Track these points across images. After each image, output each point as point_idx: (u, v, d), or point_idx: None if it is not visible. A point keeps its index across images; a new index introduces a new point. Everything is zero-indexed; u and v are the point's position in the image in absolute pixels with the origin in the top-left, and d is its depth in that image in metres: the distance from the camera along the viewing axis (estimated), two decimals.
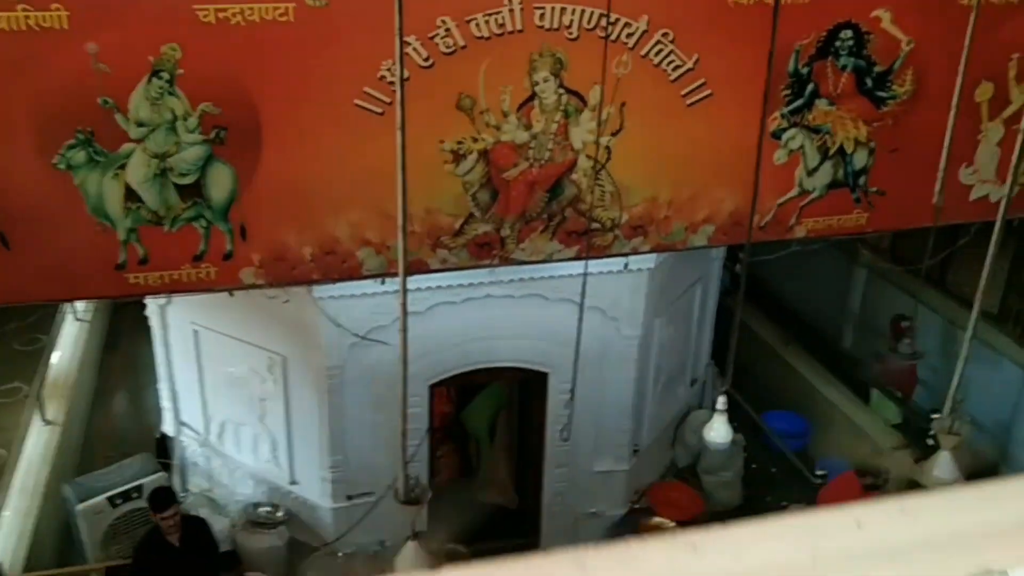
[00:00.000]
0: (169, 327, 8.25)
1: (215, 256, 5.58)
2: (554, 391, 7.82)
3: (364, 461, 7.78)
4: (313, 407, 7.64)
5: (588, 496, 8.49)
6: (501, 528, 8.80)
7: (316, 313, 7.01)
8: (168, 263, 5.53)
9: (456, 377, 7.76)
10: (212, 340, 7.95)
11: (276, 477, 8.25)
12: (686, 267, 8.37)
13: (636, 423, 8.42)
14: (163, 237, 5.41)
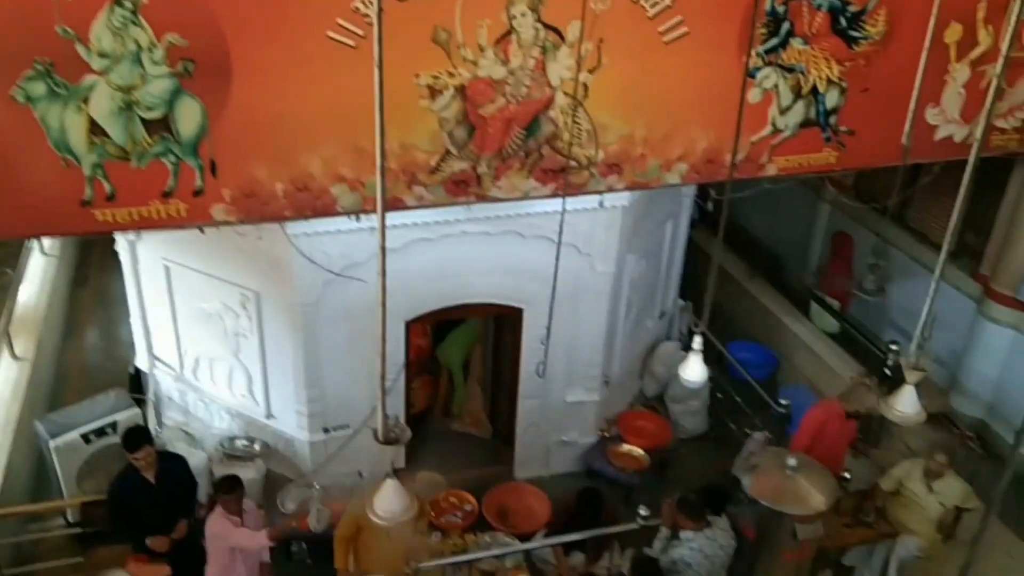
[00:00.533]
0: (140, 263, 7.94)
1: (185, 192, 5.36)
2: (529, 326, 7.68)
3: (340, 395, 7.64)
4: (288, 342, 7.43)
5: (560, 426, 8.44)
6: (476, 457, 8.78)
7: (290, 250, 6.75)
8: (136, 199, 5.30)
9: (432, 313, 7.56)
10: (184, 276, 7.68)
11: (252, 411, 8.08)
12: (658, 204, 8.21)
13: (607, 355, 8.33)
14: (131, 173, 5.17)
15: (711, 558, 6.19)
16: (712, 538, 6.19)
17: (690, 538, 6.19)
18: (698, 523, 6.18)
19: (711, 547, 6.18)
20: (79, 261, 11.72)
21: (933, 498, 7.06)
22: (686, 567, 6.15)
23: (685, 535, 6.21)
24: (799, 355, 9.94)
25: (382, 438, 4.10)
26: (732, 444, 8.75)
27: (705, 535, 6.18)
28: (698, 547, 6.16)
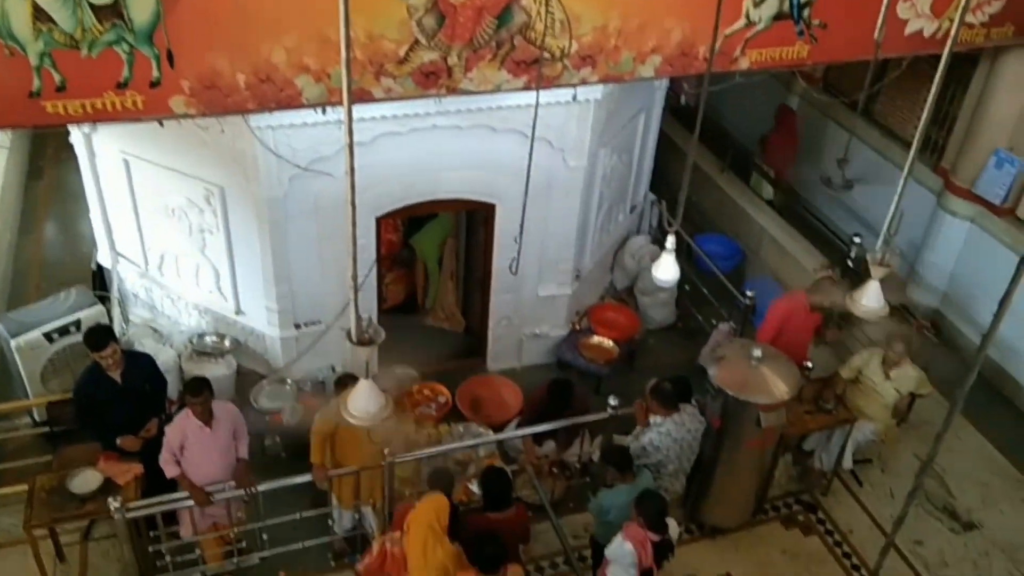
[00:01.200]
0: (97, 156, 7.54)
1: (141, 83, 5.04)
2: (501, 221, 7.49)
3: (310, 291, 7.45)
4: (255, 238, 7.17)
5: (532, 319, 8.36)
6: (449, 350, 8.72)
7: (254, 143, 6.43)
8: (89, 90, 4.97)
9: (403, 209, 7.32)
10: (145, 170, 7.31)
11: (221, 307, 7.87)
12: (631, 97, 7.92)
13: (579, 250, 8.20)
14: (82, 63, 4.83)
15: (679, 441, 6.27)
16: (680, 423, 6.26)
17: (659, 423, 6.23)
18: (669, 410, 6.23)
19: (679, 431, 6.26)
20: (33, 153, 11.18)
21: (890, 385, 7.16)
22: (655, 451, 6.22)
23: (655, 420, 6.25)
24: (765, 248, 9.90)
25: (356, 340, 3.96)
26: (699, 335, 8.77)
27: (673, 420, 6.23)
28: (667, 431, 6.22)
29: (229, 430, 6.09)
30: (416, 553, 5.18)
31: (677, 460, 6.35)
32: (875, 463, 7.79)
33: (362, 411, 4.17)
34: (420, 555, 5.17)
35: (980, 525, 7.35)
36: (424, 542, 5.16)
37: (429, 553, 5.16)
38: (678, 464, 6.38)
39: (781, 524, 7.30)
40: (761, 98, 10.47)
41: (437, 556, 5.16)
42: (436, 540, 5.16)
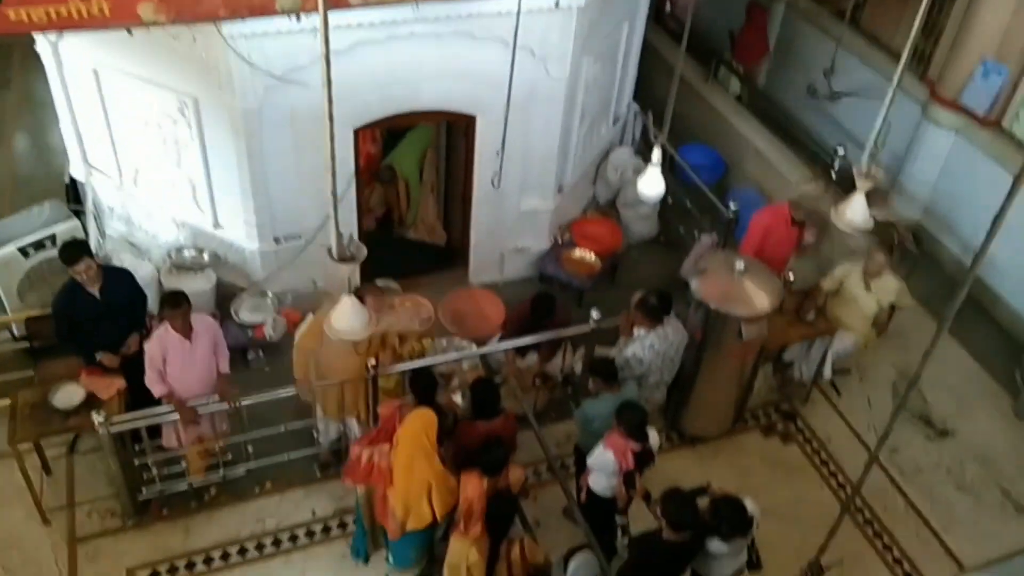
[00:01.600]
0: (64, 66, 7.23)
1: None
2: (482, 134, 7.29)
3: (289, 204, 7.29)
4: (231, 151, 6.95)
5: (514, 233, 8.25)
6: (431, 264, 8.62)
7: (228, 53, 6.16)
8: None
9: (381, 120, 7.09)
10: (115, 81, 7.03)
11: (199, 221, 7.69)
12: (614, 5, 7.64)
13: (561, 162, 8.02)
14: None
15: (662, 354, 6.27)
16: (663, 336, 6.24)
17: (643, 336, 6.21)
18: (653, 323, 6.20)
19: (662, 344, 6.25)
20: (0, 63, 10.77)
21: (871, 297, 7.16)
22: (638, 363, 6.23)
23: (639, 333, 6.23)
24: (748, 158, 9.76)
25: (337, 257, 3.87)
26: (681, 248, 8.70)
27: (657, 333, 6.22)
28: (650, 344, 6.21)
29: (209, 343, 6.01)
30: (401, 467, 5.20)
31: (659, 372, 6.37)
32: (854, 373, 7.86)
33: (346, 327, 4.12)
34: (406, 468, 5.19)
35: (955, 433, 7.46)
36: (411, 456, 5.17)
37: (415, 467, 5.18)
38: (660, 376, 6.42)
39: (760, 433, 7.39)
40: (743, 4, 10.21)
41: (423, 472, 5.18)
42: (423, 456, 5.17)
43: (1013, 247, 8.01)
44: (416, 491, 5.22)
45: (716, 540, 5.03)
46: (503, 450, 5.25)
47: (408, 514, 5.31)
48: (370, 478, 5.38)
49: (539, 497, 6.58)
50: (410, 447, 5.16)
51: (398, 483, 5.23)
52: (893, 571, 6.43)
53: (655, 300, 6.26)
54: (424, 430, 5.17)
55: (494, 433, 5.55)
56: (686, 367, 6.69)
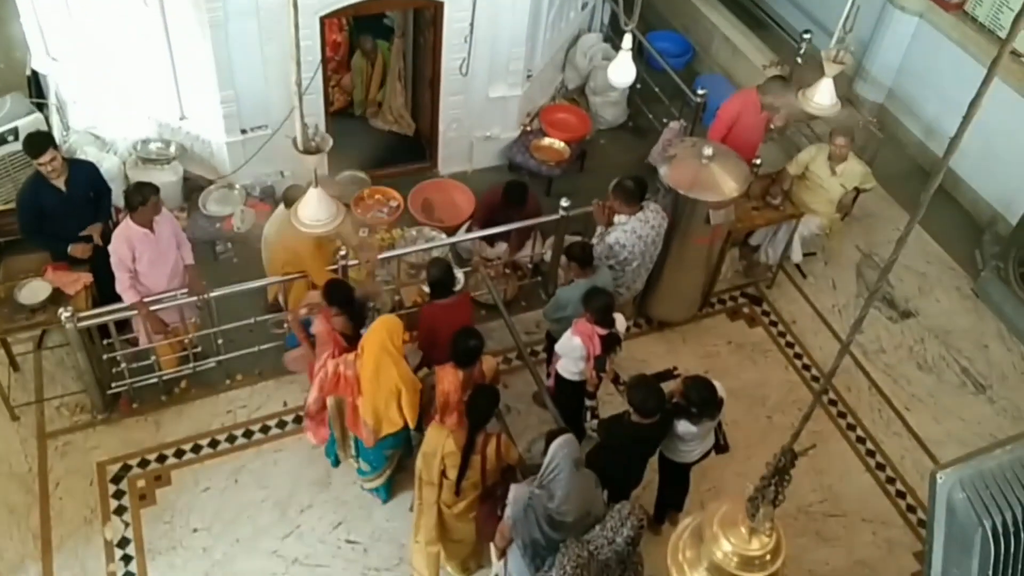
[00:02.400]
0: None
1: None
2: (449, 20, 6.90)
3: (256, 94, 6.94)
4: (196, 39, 6.54)
5: (483, 121, 7.93)
6: (399, 154, 8.33)
7: None
8: None
9: (347, 7, 6.68)
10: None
11: (165, 113, 7.30)
12: None
13: (530, 49, 7.65)
14: None
15: (644, 238, 6.07)
16: (644, 220, 6.03)
17: (624, 222, 6.01)
18: (633, 208, 5.98)
19: (644, 228, 6.04)
20: None
21: (836, 180, 7.03)
22: (621, 248, 6.03)
23: (619, 219, 6.02)
24: (716, 44, 9.43)
25: (302, 148, 3.63)
26: (650, 134, 8.47)
27: (638, 218, 6.00)
28: (631, 228, 6.01)
29: (170, 233, 5.79)
30: (369, 374, 5.04)
31: (641, 256, 6.18)
32: (819, 256, 7.79)
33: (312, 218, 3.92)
34: (373, 376, 5.03)
35: (916, 313, 7.48)
36: (377, 363, 5.01)
37: (382, 374, 5.03)
38: (642, 260, 6.21)
39: (727, 316, 7.36)
40: None
41: (390, 376, 5.04)
42: (390, 360, 5.02)
43: (977, 131, 7.79)
44: (385, 397, 5.10)
45: (684, 422, 5.01)
46: (477, 340, 5.12)
47: (380, 422, 5.21)
48: (338, 388, 5.23)
49: (510, 384, 6.55)
50: (376, 354, 4.99)
51: (366, 391, 5.08)
52: (856, 450, 6.50)
53: (632, 184, 6.01)
54: (389, 336, 5.01)
55: (452, 311, 5.46)
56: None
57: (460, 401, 5.05)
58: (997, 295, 7.46)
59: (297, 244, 5.64)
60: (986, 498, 2.44)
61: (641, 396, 4.82)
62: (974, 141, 7.95)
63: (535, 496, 4.51)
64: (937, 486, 2.55)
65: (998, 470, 2.51)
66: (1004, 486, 2.47)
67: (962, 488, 2.48)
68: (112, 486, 5.85)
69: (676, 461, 5.35)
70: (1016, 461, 2.54)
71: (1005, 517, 2.45)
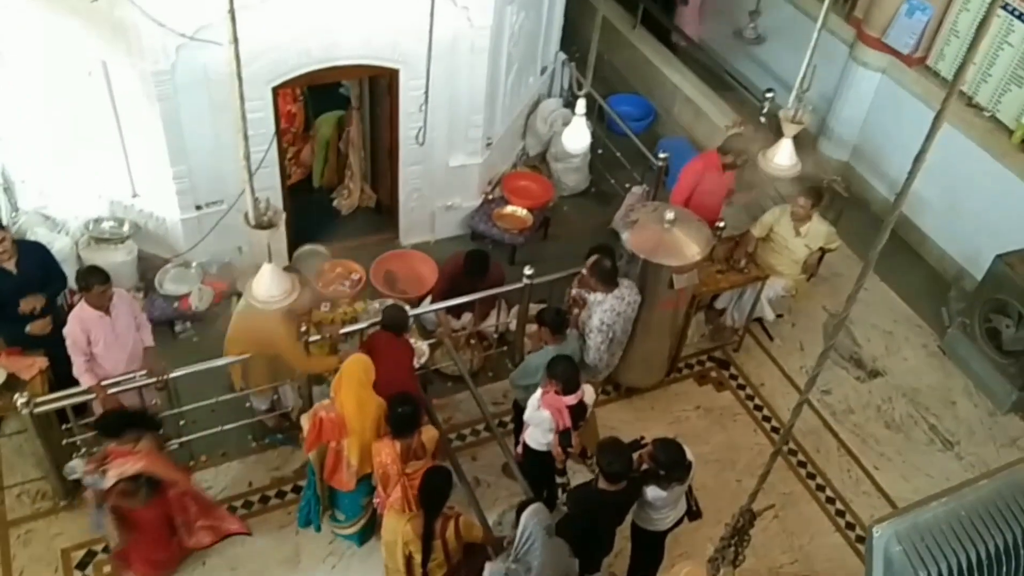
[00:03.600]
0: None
1: None
2: (406, 88, 7.24)
3: (209, 168, 7.16)
4: (145, 115, 6.78)
5: (444, 190, 8.24)
6: (361, 226, 8.60)
7: (134, 12, 6.01)
8: None
9: (301, 77, 7.00)
10: (18, 46, 6.78)
11: (116, 191, 7.51)
12: None
13: (489, 116, 8.01)
14: None
15: (621, 315, 6.29)
16: (620, 296, 6.24)
17: (601, 300, 6.20)
18: (610, 286, 6.19)
19: (620, 305, 6.26)
20: None
21: (800, 241, 7.36)
22: (608, 329, 6.24)
23: (595, 298, 6.21)
24: (678, 106, 9.89)
25: (254, 223, 3.87)
26: (613, 199, 8.82)
27: (615, 295, 6.21)
28: (610, 307, 6.21)
29: (129, 314, 5.96)
30: (352, 411, 5.38)
31: (622, 333, 6.42)
32: (786, 317, 8.10)
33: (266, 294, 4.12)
34: (357, 411, 5.38)
35: (884, 372, 7.78)
36: (358, 398, 5.37)
37: (365, 408, 5.38)
38: (620, 337, 6.44)
39: (695, 381, 7.61)
40: None
41: (372, 408, 5.42)
42: (368, 394, 5.41)
43: (937, 186, 8.32)
44: (371, 428, 5.42)
45: (653, 487, 5.18)
46: (410, 407, 5.31)
47: (363, 461, 5.48)
48: (322, 435, 5.50)
49: (479, 456, 6.73)
50: (355, 390, 5.37)
51: (353, 428, 5.40)
52: (826, 510, 6.72)
53: (609, 263, 6.23)
54: (363, 370, 5.41)
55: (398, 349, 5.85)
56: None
57: (400, 473, 5.23)
58: (963, 351, 7.81)
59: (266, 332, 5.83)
60: (922, 550, 2.67)
61: (608, 458, 5.00)
62: (938, 197, 8.40)
63: (511, 572, 4.66)
64: (874, 539, 2.78)
65: (933, 522, 2.74)
66: (940, 538, 2.70)
67: (898, 541, 2.70)
68: (77, 572, 5.93)
69: (649, 530, 5.52)
70: (951, 514, 2.77)
71: (940, 568, 2.67)
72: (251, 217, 3.88)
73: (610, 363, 6.56)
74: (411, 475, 5.22)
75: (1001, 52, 7.93)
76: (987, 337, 7.57)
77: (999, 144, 7.96)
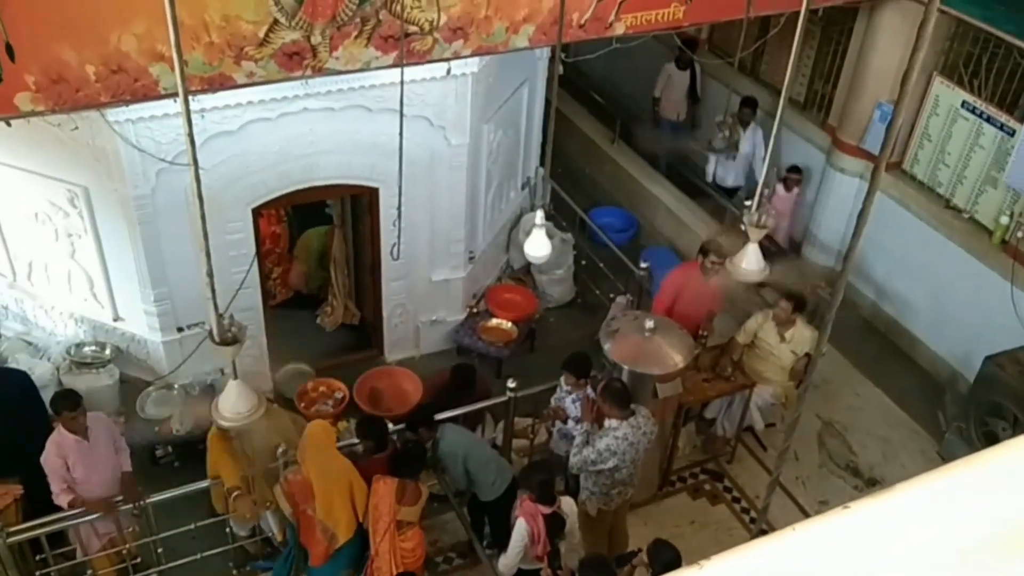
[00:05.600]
0: None
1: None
2: (386, 205, 7.40)
3: (190, 291, 7.23)
4: (126, 239, 6.94)
5: (428, 305, 8.33)
6: (344, 343, 8.63)
7: (114, 139, 6.23)
8: None
9: (280, 198, 7.18)
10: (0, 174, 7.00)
11: (98, 315, 7.61)
12: (511, 69, 7.89)
13: (470, 230, 8.18)
14: None
15: (635, 445, 6.07)
16: (636, 426, 6.05)
17: (615, 427, 6.00)
18: (624, 411, 6.00)
19: (635, 435, 6.05)
20: None
21: (786, 347, 7.36)
22: (611, 455, 6.01)
23: (610, 423, 6.03)
24: (660, 217, 10.08)
25: (218, 339, 3.88)
26: (598, 309, 8.88)
27: (630, 423, 6.02)
28: (623, 435, 6.00)
29: (107, 439, 5.96)
30: (316, 472, 5.61)
31: (632, 464, 6.18)
32: (778, 426, 8.02)
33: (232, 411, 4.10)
34: (320, 474, 5.62)
35: (882, 480, 7.64)
36: (320, 461, 5.64)
37: (328, 469, 5.66)
38: (632, 468, 6.22)
39: (688, 495, 7.49)
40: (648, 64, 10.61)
41: (339, 470, 5.71)
42: (331, 455, 5.71)
43: (924, 289, 8.40)
44: (339, 493, 5.63)
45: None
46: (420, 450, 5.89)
47: (337, 524, 5.63)
48: (293, 498, 5.67)
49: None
50: (317, 451, 5.63)
51: (319, 490, 5.56)
52: None
53: (621, 386, 6.10)
54: (324, 434, 5.76)
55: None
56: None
57: (392, 515, 5.56)
58: (962, 456, 7.66)
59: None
60: None
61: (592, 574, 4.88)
62: (925, 300, 8.46)
63: None
64: None
65: None
66: None
67: None
68: None
69: None
70: None
71: None
72: (215, 333, 3.88)
73: (621, 492, 6.30)
74: (403, 537, 5.58)
75: (973, 154, 8.13)
76: (984, 441, 7.46)
77: (980, 245, 8.07)
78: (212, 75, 5.25)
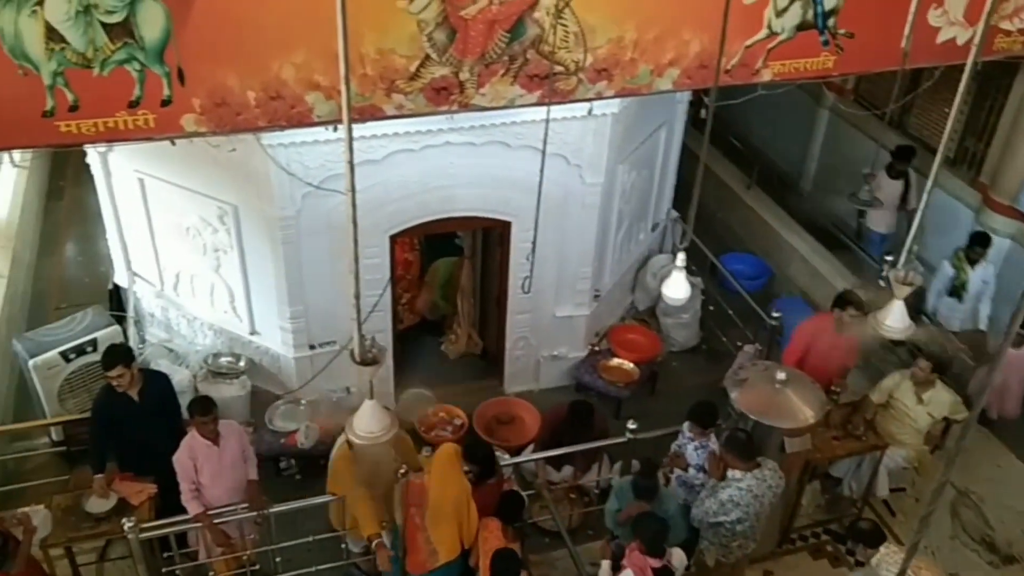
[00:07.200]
0: (112, 175, 7.74)
1: (152, 102, 5.11)
2: (517, 239, 7.55)
3: (325, 310, 7.56)
4: (268, 257, 7.31)
5: (550, 340, 8.41)
6: (466, 372, 8.78)
7: (266, 161, 6.58)
8: (102, 110, 5.06)
9: (417, 227, 7.42)
10: (159, 189, 7.49)
11: (236, 327, 8.02)
12: (650, 111, 7.96)
13: (598, 269, 8.24)
14: (94, 81, 4.92)
15: (760, 498, 5.94)
16: (762, 478, 5.93)
17: (739, 478, 5.90)
18: (749, 463, 5.89)
19: (760, 487, 5.93)
20: (52, 173, 11.46)
21: (922, 409, 7.08)
22: (734, 507, 5.90)
23: (734, 475, 5.93)
24: (794, 266, 9.87)
25: (359, 359, 4.04)
26: (724, 357, 8.74)
27: (755, 475, 5.90)
28: (747, 487, 5.89)
29: (237, 447, 6.21)
30: (435, 481, 5.82)
31: (755, 518, 6.05)
32: (909, 492, 7.69)
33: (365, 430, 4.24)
34: (439, 483, 5.81)
35: (1021, 558, 7.22)
36: (444, 476, 5.82)
37: (448, 482, 5.81)
38: (755, 522, 6.09)
39: (809, 554, 7.26)
40: (789, 112, 10.47)
41: (454, 485, 5.83)
42: (453, 473, 5.85)
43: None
44: (451, 504, 5.80)
45: None
46: (520, 500, 5.98)
47: (439, 538, 5.85)
48: (407, 499, 5.95)
49: None
50: (442, 464, 5.85)
51: (433, 494, 5.80)
52: None
53: (745, 436, 6.00)
54: (456, 454, 5.90)
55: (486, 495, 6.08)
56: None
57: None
58: None
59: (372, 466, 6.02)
60: None
61: None
62: None
63: None
64: None
65: None
66: None
67: None
68: None
69: None
70: None
71: None
72: (357, 353, 4.04)
73: (742, 545, 6.16)
74: None
75: None
76: None
77: None
78: (364, 106, 5.48)
